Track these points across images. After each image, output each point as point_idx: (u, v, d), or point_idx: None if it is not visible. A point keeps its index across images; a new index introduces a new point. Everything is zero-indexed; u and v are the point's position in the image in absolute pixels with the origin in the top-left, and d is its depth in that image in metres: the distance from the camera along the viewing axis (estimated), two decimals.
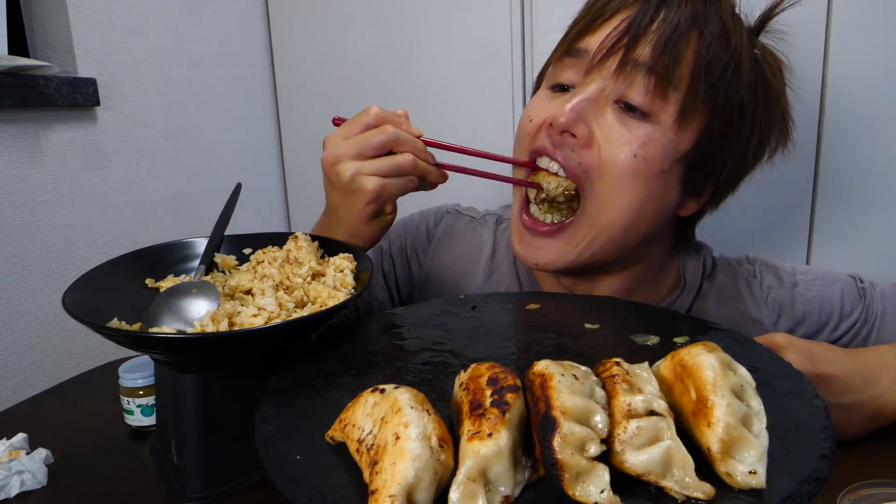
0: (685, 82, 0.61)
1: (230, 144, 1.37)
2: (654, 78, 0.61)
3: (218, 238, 0.69)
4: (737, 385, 0.37)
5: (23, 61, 0.88)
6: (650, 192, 0.64)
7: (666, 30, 0.60)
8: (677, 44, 0.60)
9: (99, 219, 1.04)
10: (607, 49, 0.62)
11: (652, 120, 0.63)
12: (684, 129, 0.63)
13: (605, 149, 0.63)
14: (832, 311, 0.73)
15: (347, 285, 0.61)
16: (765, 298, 0.74)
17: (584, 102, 0.63)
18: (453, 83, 1.30)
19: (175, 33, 1.22)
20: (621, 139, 0.62)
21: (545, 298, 0.66)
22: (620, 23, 0.62)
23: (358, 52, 1.37)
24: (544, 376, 0.37)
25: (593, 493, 0.33)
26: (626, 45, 0.61)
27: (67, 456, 0.65)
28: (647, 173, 0.63)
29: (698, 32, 0.61)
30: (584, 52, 0.64)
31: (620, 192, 0.63)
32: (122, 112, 1.09)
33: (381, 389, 0.39)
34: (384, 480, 0.33)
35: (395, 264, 0.86)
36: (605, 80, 0.63)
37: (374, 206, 0.65)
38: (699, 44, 0.61)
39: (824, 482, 0.34)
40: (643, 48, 0.61)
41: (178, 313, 0.57)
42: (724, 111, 0.63)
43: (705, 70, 0.61)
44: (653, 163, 0.62)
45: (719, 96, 0.62)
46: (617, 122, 0.63)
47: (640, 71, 0.61)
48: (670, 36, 0.60)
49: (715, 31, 0.61)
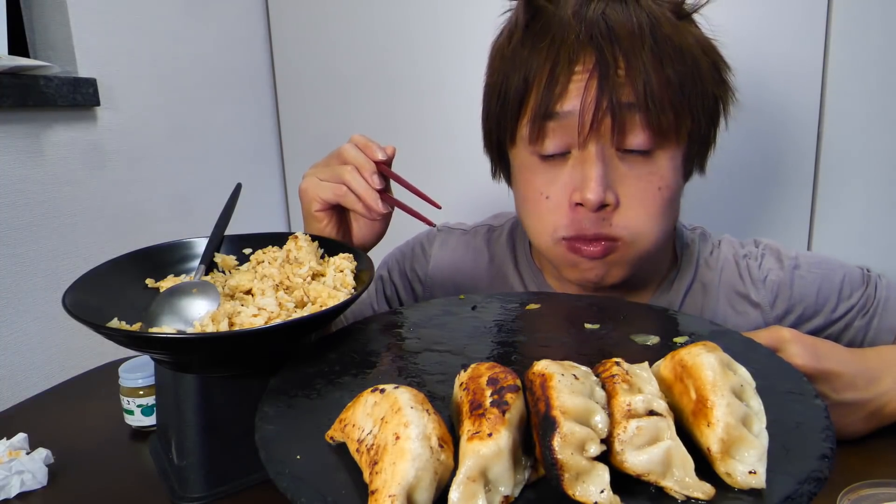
0: (668, 106, 0.63)
1: (230, 144, 1.37)
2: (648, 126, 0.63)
3: (218, 238, 0.69)
4: (737, 385, 0.37)
5: (23, 61, 0.88)
6: (673, 207, 0.69)
7: (637, 77, 0.61)
8: (652, 84, 0.61)
9: (99, 219, 1.04)
10: (594, 112, 0.62)
11: (655, 149, 0.65)
12: (680, 142, 0.66)
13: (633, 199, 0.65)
14: (830, 295, 0.73)
15: (347, 285, 0.61)
16: (763, 279, 0.75)
17: (603, 172, 0.63)
18: (453, 82, 1.30)
19: (175, 33, 1.22)
20: (642, 182, 0.65)
21: (545, 298, 0.66)
22: (589, 80, 0.62)
23: (358, 51, 1.37)
24: (544, 376, 0.37)
25: (593, 493, 0.33)
26: (609, 108, 0.61)
27: (67, 456, 0.65)
28: (671, 196, 0.67)
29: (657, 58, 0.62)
30: (563, 115, 0.64)
31: (657, 223, 0.67)
32: (122, 112, 1.09)
33: (381, 389, 0.39)
34: (384, 480, 0.33)
35: (398, 288, 0.88)
36: (603, 137, 0.64)
37: (304, 200, 0.68)
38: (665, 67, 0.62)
39: (824, 482, 0.34)
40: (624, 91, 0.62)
41: (178, 313, 0.57)
42: (702, 112, 0.67)
43: (681, 91, 0.63)
44: (672, 185, 0.67)
45: (696, 105, 0.65)
46: (631, 171, 0.65)
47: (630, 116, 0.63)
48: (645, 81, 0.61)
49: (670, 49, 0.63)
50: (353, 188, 0.64)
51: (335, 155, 0.67)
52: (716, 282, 0.76)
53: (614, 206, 0.65)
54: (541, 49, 0.64)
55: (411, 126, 1.36)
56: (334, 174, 0.66)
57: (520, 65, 0.66)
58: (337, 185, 0.65)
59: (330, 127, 1.43)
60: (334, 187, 0.65)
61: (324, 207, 0.67)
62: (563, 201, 0.66)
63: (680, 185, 0.70)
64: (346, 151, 0.66)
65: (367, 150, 0.65)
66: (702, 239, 0.79)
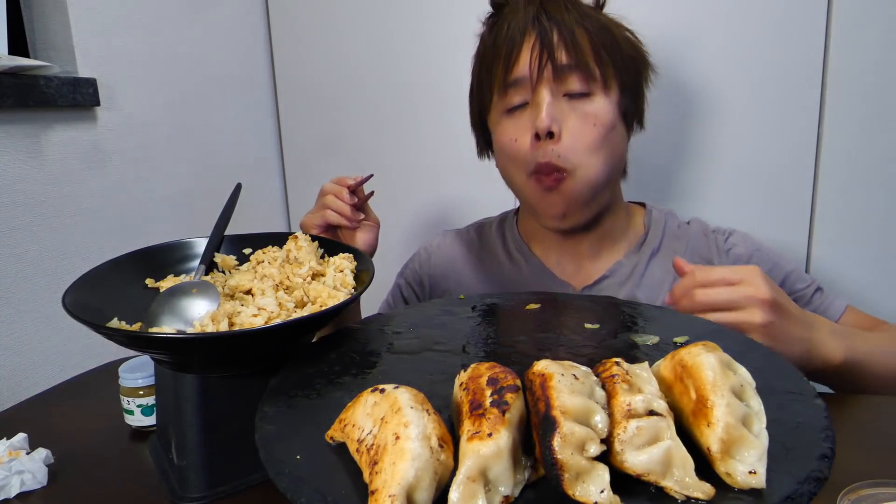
0: (596, 62, 0.82)
1: (230, 144, 1.37)
2: (579, 69, 0.81)
3: (218, 238, 0.69)
4: (737, 385, 0.37)
5: (23, 61, 0.88)
6: (611, 143, 0.83)
7: (566, 37, 0.80)
8: (578, 41, 0.81)
9: (99, 219, 1.04)
10: (538, 67, 0.81)
11: (592, 95, 0.82)
12: (610, 90, 0.83)
13: (572, 133, 0.81)
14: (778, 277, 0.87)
15: (347, 285, 0.61)
16: (727, 251, 0.90)
17: (550, 106, 0.81)
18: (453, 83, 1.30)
19: (175, 33, 1.22)
20: (580, 120, 0.81)
21: (545, 298, 0.66)
22: (534, 44, 0.81)
23: (358, 52, 1.37)
24: (544, 376, 0.37)
25: (593, 493, 0.33)
26: (549, 58, 0.80)
27: (67, 456, 0.65)
28: (606, 133, 0.82)
29: (583, 28, 0.81)
30: (521, 79, 0.82)
31: (594, 155, 0.81)
32: (122, 112, 1.09)
33: (381, 389, 0.39)
34: (384, 480, 0.33)
35: (414, 289, 1.04)
36: (549, 86, 0.81)
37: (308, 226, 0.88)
38: (588, 34, 0.81)
39: (824, 482, 0.34)
40: (560, 54, 0.80)
41: (178, 313, 0.57)
42: (623, 67, 0.84)
43: (603, 48, 0.82)
44: (606, 124, 0.82)
45: (617, 59, 0.83)
46: (572, 111, 0.82)
47: (567, 70, 0.80)
48: (572, 38, 0.80)
49: (591, 22, 0.82)
50: (332, 208, 0.86)
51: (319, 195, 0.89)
52: (682, 249, 0.90)
53: (559, 136, 0.80)
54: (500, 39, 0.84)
55: (411, 126, 1.36)
56: (319, 204, 0.88)
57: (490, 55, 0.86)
58: (321, 211, 0.86)
59: (330, 127, 1.43)
60: (320, 213, 0.87)
61: (319, 232, 0.86)
62: (526, 139, 0.83)
63: (616, 127, 0.84)
64: (324, 187, 0.89)
65: (339, 181, 0.87)
66: (670, 216, 0.94)
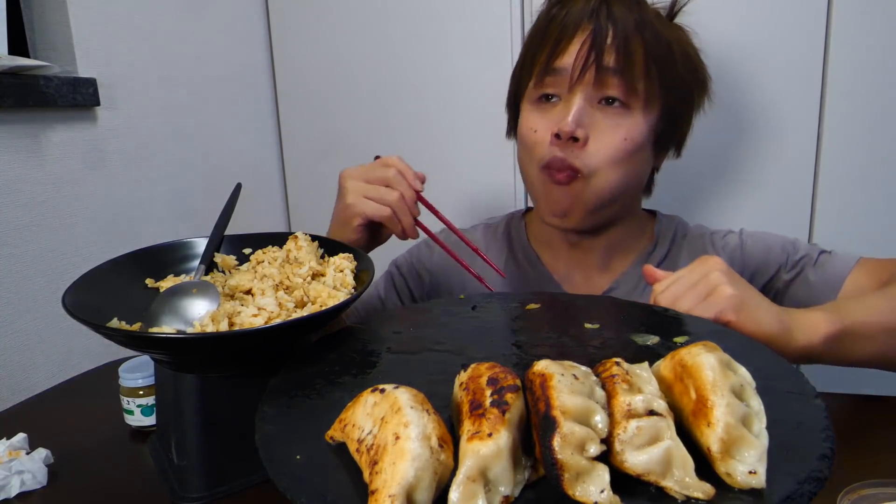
0: (643, 75, 0.77)
1: (230, 144, 1.37)
2: (624, 78, 0.76)
3: (218, 238, 0.69)
4: (737, 385, 0.37)
5: (23, 61, 0.88)
6: (635, 162, 0.80)
7: (620, 41, 0.76)
8: (631, 49, 0.76)
9: (99, 219, 1.04)
10: (582, 66, 0.76)
11: (630, 108, 0.78)
12: (651, 109, 0.79)
13: (599, 142, 0.78)
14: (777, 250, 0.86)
15: (347, 285, 0.61)
16: (722, 248, 0.89)
17: (580, 110, 0.77)
18: (454, 83, 1.30)
19: (175, 33, 1.21)
20: (610, 130, 0.78)
21: (545, 298, 0.66)
22: (585, 40, 0.76)
23: (358, 51, 1.37)
24: (544, 376, 0.37)
25: (593, 493, 0.33)
26: (595, 59, 0.76)
27: (67, 456, 0.65)
28: (633, 150, 0.79)
29: (640, 36, 0.77)
30: (561, 69, 0.78)
31: (615, 168, 0.78)
32: (122, 112, 1.09)
33: (381, 389, 0.39)
34: (384, 480, 0.33)
35: (406, 278, 0.99)
36: (587, 89, 0.78)
37: (347, 213, 0.76)
38: (644, 45, 0.77)
39: (824, 482, 0.34)
40: (609, 57, 0.76)
41: (178, 313, 0.57)
42: (672, 87, 0.80)
43: (654, 63, 0.78)
44: (636, 141, 0.79)
45: (666, 79, 0.79)
46: (604, 119, 0.78)
47: (611, 75, 0.76)
48: (625, 45, 0.76)
49: (650, 31, 0.78)
50: (397, 212, 0.74)
51: (377, 174, 0.76)
52: (683, 254, 0.90)
53: (583, 142, 0.77)
54: (555, 23, 0.80)
55: (412, 126, 1.36)
56: (380, 195, 0.74)
57: (539, 36, 0.82)
58: (382, 206, 0.74)
59: (330, 127, 1.43)
60: (379, 208, 0.74)
61: (364, 222, 0.75)
62: (546, 135, 0.79)
63: (644, 149, 0.80)
64: (392, 177, 0.75)
65: (408, 177, 0.76)
66: (679, 225, 0.93)
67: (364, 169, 0.77)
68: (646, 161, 0.83)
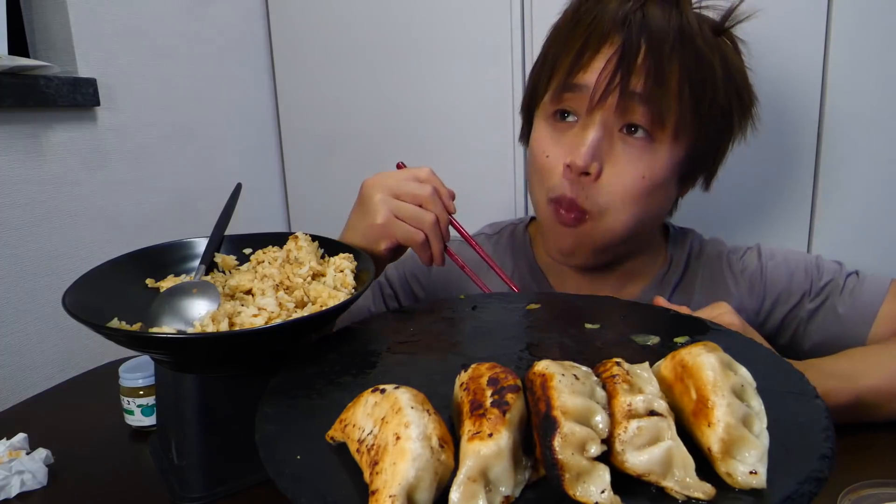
0: (674, 104, 0.68)
1: (230, 144, 1.37)
2: (651, 107, 0.67)
3: (218, 238, 0.69)
4: (737, 385, 0.37)
5: (23, 61, 0.88)
6: (653, 199, 0.72)
7: (652, 61, 0.66)
8: (664, 73, 0.66)
9: (99, 219, 1.04)
10: (605, 87, 0.67)
11: (655, 141, 0.69)
12: (680, 142, 0.70)
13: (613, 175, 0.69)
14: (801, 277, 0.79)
15: (348, 285, 0.61)
16: (741, 271, 0.81)
17: (596, 142, 0.68)
18: (456, 81, 1.30)
19: (175, 33, 1.21)
20: (628, 164, 0.69)
21: (545, 298, 0.66)
22: (612, 56, 0.67)
23: (358, 51, 1.36)
24: (545, 376, 0.37)
25: (594, 494, 0.33)
26: (621, 82, 0.66)
27: (67, 456, 0.65)
28: (652, 188, 0.70)
29: (677, 56, 0.67)
30: (581, 87, 0.69)
31: (628, 207, 0.70)
32: (122, 112, 1.09)
33: (382, 389, 0.39)
34: (384, 481, 0.33)
35: (396, 290, 0.91)
36: (608, 114, 0.69)
37: (375, 233, 0.68)
38: (681, 67, 0.67)
39: (824, 482, 0.34)
40: (637, 80, 0.66)
41: (178, 313, 0.57)
42: (707, 117, 0.70)
43: (691, 89, 0.68)
44: (657, 179, 0.70)
45: (703, 107, 0.69)
46: (624, 152, 0.69)
47: (636, 102, 0.67)
48: (657, 67, 0.66)
49: (690, 50, 0.67)
50: (430, 238, 0.67)
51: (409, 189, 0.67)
52: (699, 279, 0.82)
53: (595, 176, 0.69)
54: (580, 27, 0.70)
55: (412, 126, 1.36)
56: (414, 217, 0.67)
57: (562, 39, 0.72)
58: (416, 231, 0.67)
59: (330, 127, 1.43)
60: (413, 232, 0.67)
61: (394, 246, 0.69)
62: (559, 163, 0.71)
63: (666, 186, 0.72)
64: (427, 197, 0.67)
65: (444, 196, 0.69)
66: (693, 241, 0.85)
67: (394, 181, 0.68)
68: (666, 198, 0.75)
